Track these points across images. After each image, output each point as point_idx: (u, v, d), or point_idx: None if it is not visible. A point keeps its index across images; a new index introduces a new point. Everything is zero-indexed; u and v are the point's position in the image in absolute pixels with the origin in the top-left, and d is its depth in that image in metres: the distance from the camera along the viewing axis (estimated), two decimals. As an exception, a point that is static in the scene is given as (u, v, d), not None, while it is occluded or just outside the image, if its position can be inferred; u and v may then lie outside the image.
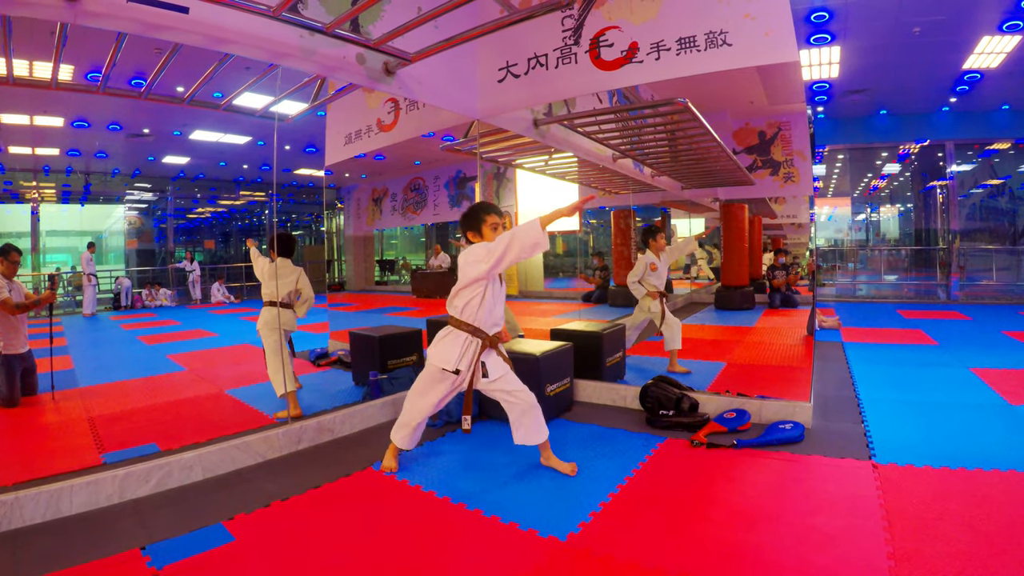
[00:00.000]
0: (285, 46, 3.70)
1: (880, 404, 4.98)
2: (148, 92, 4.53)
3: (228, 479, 3.64)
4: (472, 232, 3.51)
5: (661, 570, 2.49)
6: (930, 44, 9.87)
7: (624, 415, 4.86)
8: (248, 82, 4.74)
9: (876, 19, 8.93)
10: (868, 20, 8.96)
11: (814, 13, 8.59)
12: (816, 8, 8.47)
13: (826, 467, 3.65)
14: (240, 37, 3.46)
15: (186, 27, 3.22)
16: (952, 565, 2.48)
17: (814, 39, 9.42)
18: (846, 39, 9.61)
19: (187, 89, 4.74)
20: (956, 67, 11.01)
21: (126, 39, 3.56)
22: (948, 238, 14.21)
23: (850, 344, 7.82)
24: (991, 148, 15.06)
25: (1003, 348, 7.43)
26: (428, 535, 2.86)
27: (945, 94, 12.68)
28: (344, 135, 6.41)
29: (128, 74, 6.17)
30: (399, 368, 5.60)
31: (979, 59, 10.50)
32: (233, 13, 3.32)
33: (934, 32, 9.39)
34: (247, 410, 5.07)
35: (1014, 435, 4.17)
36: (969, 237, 15.04)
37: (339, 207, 12.04)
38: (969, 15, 8.81)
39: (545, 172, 7.45)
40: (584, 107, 5.80)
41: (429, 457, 3.96)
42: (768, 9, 3.84)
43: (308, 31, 3.71)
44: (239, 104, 5.29)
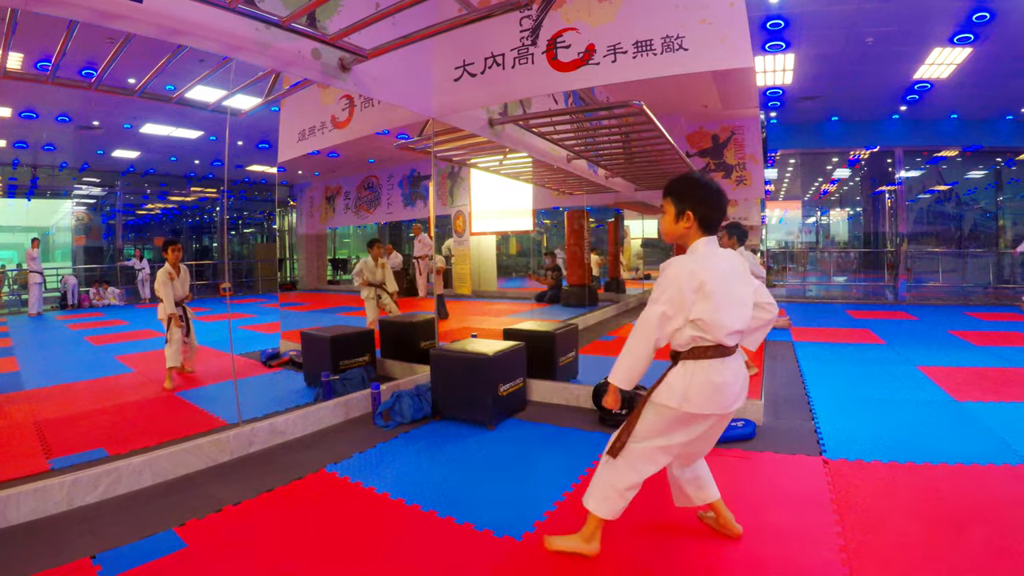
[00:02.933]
0: (240, 39, 3.62)
1: (830, 401, 5.10)
2: (99, 83, 4.40)
3: (179, 484, 3.55)
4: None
5: (616, 567, 2.51)
6: (882, 54, 10.14)
7: (577, 414, 4.87)
8: (202, 75, 4.63)
9: (830, 28, 9.14)
10: (822, 29, 9.16)
11: (770, 21, 8.75)
12: (772, 16, 8.63)
13: (777, 463, 3.72)
14: (195, 29, 3.37)
15: (140, 16, 3.12)
16: (903, 556, 2.56)
17: (769, 46, 9.59)
18: (800, 47, 9.81)
19: (139, 81, 4.63)
20: (907, 77, 11.33)
21: (78, 27, 3.46)
22: (896, 241, 14.64)
23: (800, 343, 8.00)
24: (939, 155, 15.54)
25: (949, 347, 7.67)
26: (383, 538, 2.83)
27: (896, 102, 13.04)
28: (298, 131, 6.31)
29: (79, 64, 6.01)
30: (351, 369, 5.55)
31: (930, 69, 10.83)
32: (188, 4, 3.22)
33: (887, 43, 9.64)
34: (197, 412, 4.96)
35: (960, 430, 4.31)
36: (916, 240, 15.53)
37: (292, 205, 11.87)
38: (921, 27, 9.07)
39: (499, 172, 7.47)
40: (540, 108, 5.82)
41: (383, 459, 3.91)
42: (724, 15, 3.88)
43: (264, 24, 3.64)
44: (191, 97, 5.17)
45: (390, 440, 4.28)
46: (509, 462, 3.84)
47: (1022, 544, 2.64)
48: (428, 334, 6.17)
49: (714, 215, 2.52)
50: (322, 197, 10.34)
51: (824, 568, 2.49)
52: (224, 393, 4.82)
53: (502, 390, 4.64)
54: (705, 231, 2.51)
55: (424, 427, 4.56)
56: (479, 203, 7.66)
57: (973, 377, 5.88)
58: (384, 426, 4.56)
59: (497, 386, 4.57)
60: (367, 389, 4.96)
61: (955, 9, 8.47)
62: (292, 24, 3.65)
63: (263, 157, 11.70)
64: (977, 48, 9.72)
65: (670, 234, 2.59)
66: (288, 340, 7.20)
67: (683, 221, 2.51)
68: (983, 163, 15.96)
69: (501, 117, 5.62)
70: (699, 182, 2.56)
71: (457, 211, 7.81)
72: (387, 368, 6.19)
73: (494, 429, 4.49)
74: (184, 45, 3.57)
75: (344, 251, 13.06)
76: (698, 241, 2.50)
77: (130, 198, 16.26)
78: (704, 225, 2.50)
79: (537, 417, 4.82)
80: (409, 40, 4.02)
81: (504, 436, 4.33)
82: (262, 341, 7.79)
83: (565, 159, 7.19)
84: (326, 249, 11.86)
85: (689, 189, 2.53)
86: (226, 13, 3.39)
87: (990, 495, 3.19)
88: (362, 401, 4.93)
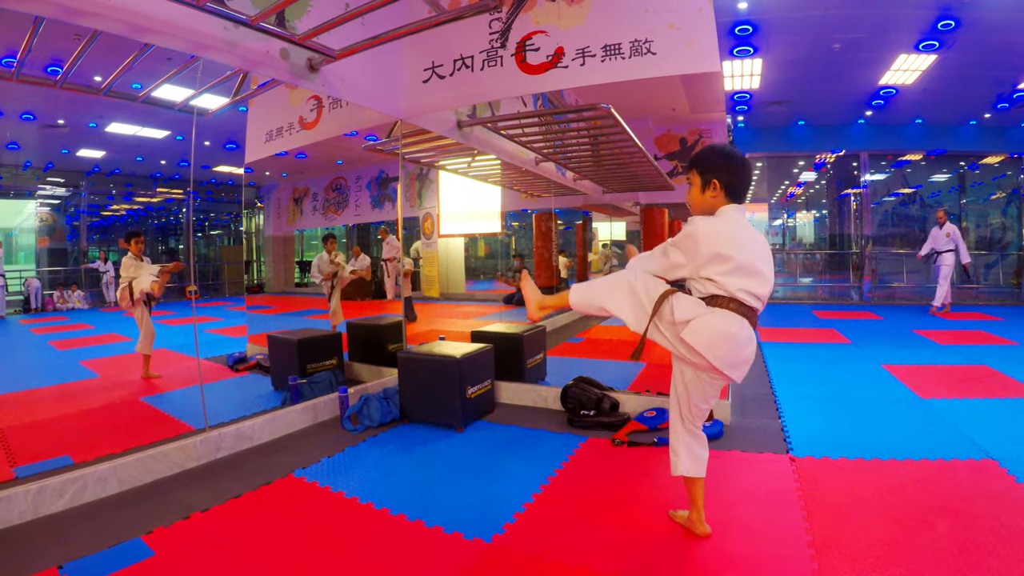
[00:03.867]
0: (208, 37, 3.57)
1: (796, 400, 5.17)
2: (64, 80, 4.32)
3: (146, 491, 3.49)
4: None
5: (586, 567, 2.51)
6: (849, 60, 10.31)
7: (546, 416, 4.88)
8: (168, 73, 4.56)
9: (798, 34, 9.26)
10: (790, 35, 9.28)
11: (738, 26, 8.85)
12: (740, 21, 8.72)
13: (745, 461, 3.75)
14: (162, 26, 3.31)
15: (107, 13, 3.06)
16: (870, 550, 2.60)
17: (737, 51, 9.71)
18: (768, 52, 9.93)
19: (105, 79, 4.55)
20: (873, 82, 11.53)
21: (43, 23, 3.39)
22: (861, 243, 14.88)
23: (767, 344, 8.07)
24: (903, 159, 15.83)
25: (913, 345, 7.81)
26: (353, 541, 2.81)
27: (861, 107, 13.26)
28: (265, 132, 6.25)
29: (44, 61, 5.88)
30: (319, 372, 5.51)
31: (895, 75, 11.03)
32: (156, 1, 3.17)
33: (853, 49, 9.80)
34: (164, 418, 4.88)
35: (924, 427, 4.40)
36: (881, 242, 15.79)
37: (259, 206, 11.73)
38: (887, 34, 9.23)
39: (468, 174, 7.45)
40: (508, 110, 5.83)
41: (352, 463, 3.88)
42: (692, 20, 3.93)
43: (232, 23, 3.58)
44: (158, 96, 5.09)
45: (358, 444, 4.25)
46: (478, 464, 3.83)
47: (985, 536, 2.70)
48: (396, 337, 6.14)
49: (741, 182, 2.55)
50: (290, 199, 10.24)
51: (792, 562, 2.53)
52: (190, 398, 4.75)
53: (470, 392, 4.63)
54: (732, 198, 2.54)
55: (392, 430, 4.54)
56: (447, 205, 7.65)
57: (937, 375, 6.01)
58: (352, 430, 4.53)
59: (465, 388, 4.56)
60: (335, 393, 4.92)
61: (921, 17, 8.64)
62: (261, 23, 3.60)
63: (230, 158, 11.55)
64: (942, 55, 9.92)
65: (698, 205, 2.60)
66: (255, 344, 7.12)
67: (709, 190, 2.53)
68: (947, 167, 16.29)
69: (470, 119, 5.62)
70: (723, 151, 2.59)
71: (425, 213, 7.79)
72: (355, 371, 6.16)
73: (463, 431, 4.48)
74: (151, 43, 3.51)
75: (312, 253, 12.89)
76: (726, 207, 2.52)
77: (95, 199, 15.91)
78: (731, 192, 2.53)
79: (506, 419, 4.82)
80: (378, 41, 3.99)
81: (473, 438, 4.32)
82: (229, 345, 7.68)
83: (533, 161, 7.20)
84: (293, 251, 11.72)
85: (714, 158, 2.57)
86: (194, 11, 3.33)
87: (954, 489, 3.26)
88: (330, 405, 4.90)
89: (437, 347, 4.90)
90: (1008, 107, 12.69)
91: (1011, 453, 3.77)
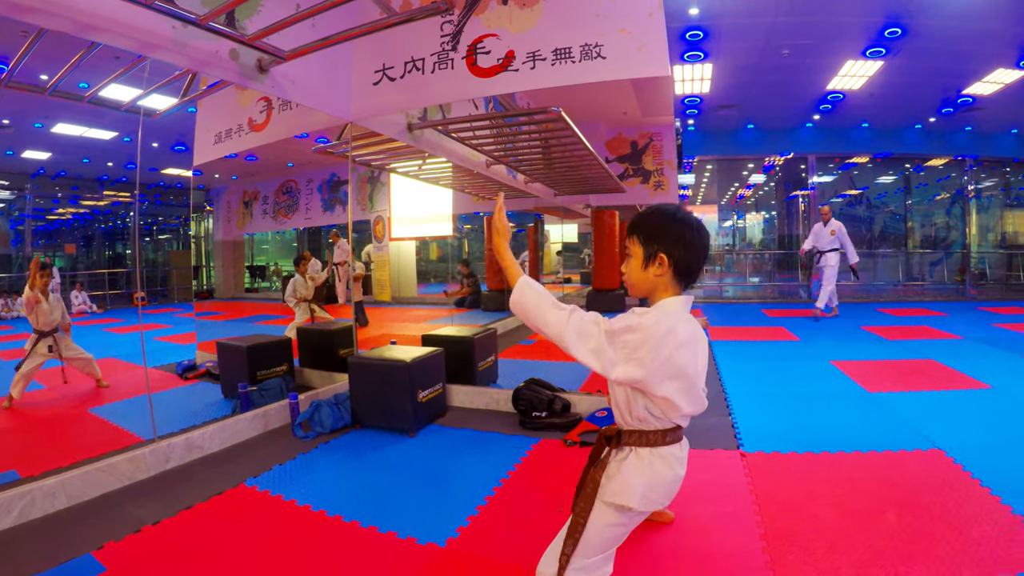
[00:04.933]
0: (156, 36, 3.46)
1: (746, 397, 5.26)
2: (9, 79, 4.18)
3: (95, 505, 3.38)
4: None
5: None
6: (798, 65, 10.56)
7: (498, 418, 4.88)
8: (115, 73, 4.44)
9: (748, 40, 9.44)
10: (740, 40, 9.46)
11: (689, 31, 8.99)
12: (691, 27, 8.86)
13: (696, 458, 3.79)
14: (110, 24, 3.20)
15: (53, 10, 2.95)
16: (822, 542, 2.66)
17: (688, 56, 9.86)
18: (718, 57, 10.12)
19: (51, 78, 4.41)
20: (821, 87, 11.83)
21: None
22: (810, 242, 15.21)
23: (716, 342, 8.18)
24: (850, 161, 16.26)
25: (861, 341, 8.02)
26: (306, 550, 2.77)
27: (809, 111, 13.58)
28: (214, 133, 6.11)
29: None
30: (269, 379, 5.43)
31: (843, 81, 11.34)
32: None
33: (802, 55, 10.04)
34: (112, 429, 4.74)
35: (872, 420, 4.52)
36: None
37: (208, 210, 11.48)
38: (835, 41, 9.48)
39: (419, 177, 7.42)
40: (459, 113, 5.82)
41: (304, 470, 3.83)
42: (643, 25, 3.96)
43: (181, 22, 3.49)
44: (105, 96, 4.95)
45: (310, 451, 4.19)
46: (431, 468, 3.81)
47: (934, 524, 2.79)
48: (347, 342, 6.08)
49: (695, 258, 2.01)
50: (240, 202, 10.04)
51: (746, 555, 2.57)
52: (139, 408, 4.63)
53: (422, 396, 4.61)
54: (683, 280, 2.03)
55: (344, 436, 4.49)
56: (399, 208, 7.58)
57: (884, 369, 6.18)
58: (304, 437, 4.47)
59: (416, 392, 4.54)
60: (286, 399, 4.85)
61: (868, 24, 8.89)
62: (210, 23, 3.52)
63: (179, 160, 11.27)
64: (888, 61, 10.23)
65: (637, 285, 2.07)
66: (205, 351, 6.97)
67: (654, 267, 2.00)
68: (892, 169, 16.79)
69: (420, 122, 5.59)
70: (675, 215, 2.03)
71: (377, 216, 7.70)
72: (306, 377, 6.08)
73: (415, 436, 4.46)
74: (98, 42, 3.41)
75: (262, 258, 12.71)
76: (671, 300, 2.00)
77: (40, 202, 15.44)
78: (682, 272, 2.01)
79: (458, 422, 4.81)
80: (328, 42, 3.94)
81: (425, 442, 4.30)
82: (178, 352, 7.52)
83: (484, 164, 7.20)
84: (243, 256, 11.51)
85: (663, 225, 2.02)
86: (142, 9, 3.24)
87: (903, 479, 3.36)
88: (281, 412, 4.82)
89: (388, 351, 4.86)
90: (952, 111, 13.13)
91: (958, 443, 3.91)
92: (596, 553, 2.02)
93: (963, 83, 11.49)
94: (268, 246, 12.79)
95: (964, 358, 6.60)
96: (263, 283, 11.96)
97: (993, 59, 10.21)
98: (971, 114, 13.32)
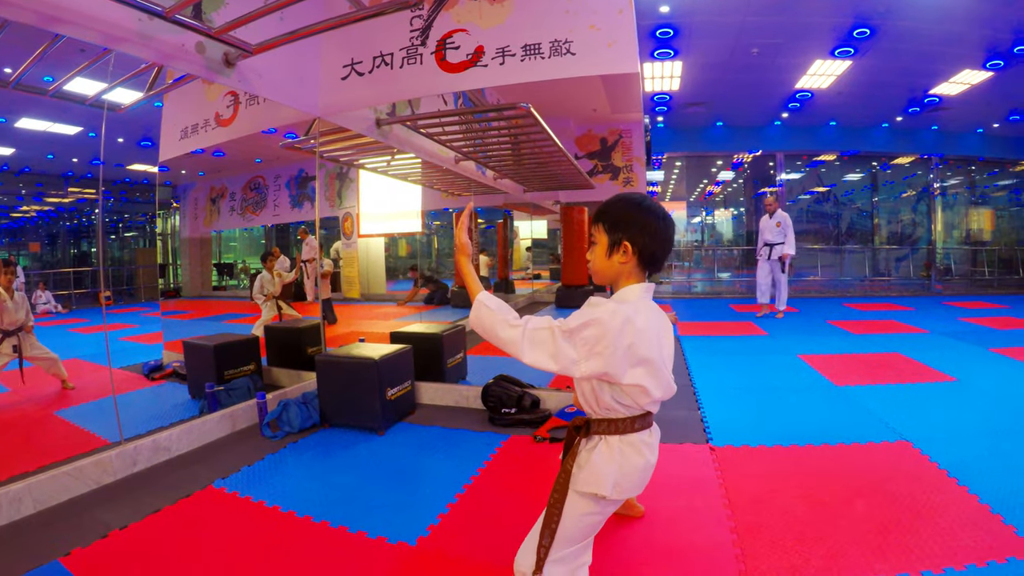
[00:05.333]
0: (121, 29, 3.37)
1: (715, 391, 5.30)
2: (-28, 73, 4.08)
3: (62, 510, 3.30)
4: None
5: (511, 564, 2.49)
6: (767, 64, 10.66)
7: (468, 415, 4.87)
8: (80, 66, 4.33)
9: (718, 38, 9.51)
10: (710, 39, 9.53)
11: (659, 29, 9.03)
12: (662, 24, 8.90)
13: (666, 452, 3.78)
14: (74, 16, 3.12)
15: (16, 1, 2.87)
16: (791, 534, 2.69)
17: (658, 53, 9.90)
18: (688, 55, 10.18)
19: (15, 71, 4.30)
20: (789, 86, 11.96)
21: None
22: (777, 238, 15.38)
23: (685, 337, 8.26)
24: (818, 159, 16.46)
25: (828, 336, 8.15)
26: (276, 552, 2.73)
27: (778, 109, 13.73)
28: (181, 128, 5.99)
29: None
30: (237, 379, 5.34)
31: (811, 80, 11.47)
32: (70, -11, 3.02)
33: (771, 54, 10.13)
34: (78, 432, 4.62)
35: (840, 413, 4.59)
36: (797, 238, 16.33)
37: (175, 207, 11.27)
38: (805, 40, 9.59)
39: (387, 173, 7.37)
40: (428, 109, 5.79)
41: (272, 471, 3.78)
42: (613, 22, 3.96)
43: (147, 15, 3.41)
44: (70, 90, 4.83)
45: (279, 451, 4.14)
46: (400, 467, 3.79)
47: (903, 514, 2.85)
48: (315, 340, 6.01)
49: (661, 247, 1.99)
50: (207, 198, 9.86)
51: (716, 547, 2.60)
52: (105, 410, 4.53)
53: (390, 394, 4.57)
54: (648, 267, 2.01)
55: (313, 436, 4.44)
56: (368, 205, 7.52)
57: (851, 363, 6.27)
58: (272, 437, 4.41)
59: (385, 390, 4.50)
60: (253, 399, 4.78)
61: (837, 25, 9.01)
62: (176, 15, 3.45)
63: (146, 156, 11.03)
64: (857, 61, 10.38)
65: (601, 272, 2.05)
66: (171, 351, 6.84)
67: (618, 255, 1.97)
68: (860, 167, 17.04)
69: (389, 117, 5.55)
70: (640, 204, 2.00)
71: (345, 213, 7.65)
72: (274, 376, 5.98)
73: (384, 434, 4.42)
74: (63, 34, 3.33)
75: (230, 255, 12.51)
76: (632, 287, 1.99)
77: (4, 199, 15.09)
78: (647, 260, 1.98)
79: (427, 420, 4.78)
80: (296, 36, 3.89)
81: (394, 441, 4.27)
82: (145, 352, 7.39)
83: (453, 160, 7.17)
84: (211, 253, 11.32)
85: (628, 213, 1.99)
86: (107, 1, 3.18)
87: (871, 471, 3.43)
88: (248, 412, 4.75)
89: (356, 349, 4.81)
90: (919, 111, 13.35)
91: (924, 434, 3.99)
92: (573, 543, 2.00)
93: (930, 83, 11.69)
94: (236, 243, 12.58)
95: (930, 351, 6.72)
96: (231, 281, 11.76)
97: (960, 60, 10.40)
98: (937, 114, 13.57)
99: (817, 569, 2.42)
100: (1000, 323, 8.97)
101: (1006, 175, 16.94)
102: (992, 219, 17.15)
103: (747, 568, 2.44)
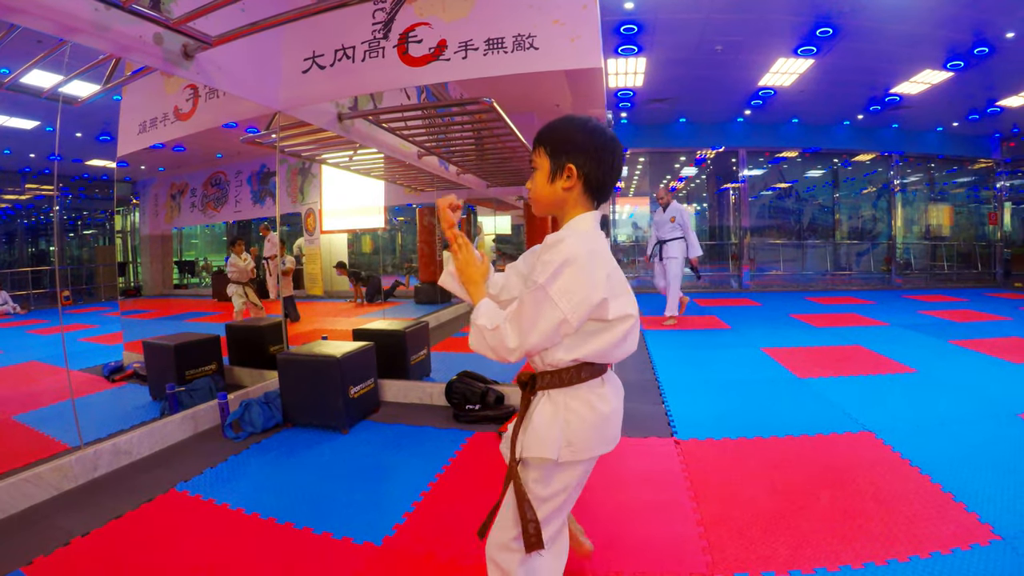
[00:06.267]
0: (76, 19, 3.27)
1: (679, 385, 5.34)
2: (-77, 65, 3.93)
3: (23, 517, 3.20)
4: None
5: (478, 562, 2.49)
6: (730, 62, 10.73)
7: (432, 412, 4.85)
8: (36, 58, 4.20)
9: (681, 35, 9.56)
10: (674, 36, 9.56)
11: (623, 25, 9.04)
12: (626, 21, 8.91)
13: (631, 446, 3.84)
14: (27, 5, 3.01)
15: None
16: (757, 524, 2.73)
17: (622, 49, 9.92)
18: (652, 52, 10.20)
19: (-30, 63, 4.17)
20: (752, 83, 12.06)
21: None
22: (740, 234, 15.62)
23: (649, 331, 8.33)
24: (780, 156, 16.65)
25: (790, 329, 8.28)
26: (241, 555, 2.69)
27: (741, 106, 13.84)
28: (139, 122, 5.84)
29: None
30: (198, 379, 5.23)
31: (774, 77, 11.57)
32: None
33: (734, 51, 10.21)
34: (38, 437, 4.49)
35: (804, 405, 4.66)
36: (759, 233, 16.61)
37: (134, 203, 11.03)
38: (768, 39, 9.67)
39: (350, 168, 7.30)
40: (391, 103, 5.72)
41: (235, 473, 3.72)
42: (577, 17, 3.97)
43: (104, 4, 3.30)
44: (26, 83, 4.69)
45: (241, 452, 4.07)
46: (365, 466, 3.76)
47: (866, 502, 2.91)
48: (277, 338, 5.92)
49: (607, 173, 1.72)
50: (167, 195, 9.65)
51: (682, 540, 2.62)
52: (64, 414, 4.41)
53: (353, 392, 4.53)
54: (593, 196, 1.74)
55: (276, 436, 4.38)
56: (330, 200, 7.44)
57: (814, 355, 6.38)
58: (235, 437, 4.33)
59: (348, 388, 4.46)
60: (215, 400, 4.69)
61: (800, 23, 9.09)
62: (133, 6, 3.35)
63: (104, 151, 10.78)
64: (819, 60, 10.48)
65: (542, 200, 1.78)
66: (132, 351, 6.70)
67: (561, 180, 1.71)
68: (821, 163, 17.26)
69: (351, 111, 5.48)
70: (586, 125, 1.72)
71: (308, 209, 7.55)
72: (236, 376, 5.88)
73: (348, 433, 4.38)
74: (17, 24, 3.22)
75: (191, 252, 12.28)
76: (584, 216, 1.73)
77: (-41, 197, 14.67)
78: (592, 187, 1.72)
79: (391, 418, 4.75)
80: (257, 28, 3.81)
81: (358, 439, 4.23)
82: (105, 354, 7.22)
83: (416, 155, 7.12)
84: (172, 251, 11.10)
85: (572, 134, 1.71)
86: (62, -12, 3.09)
87: (834, 461, 3.48)
88: (210, 412, 4.66)
89: (318, 347, 4.76)
90: (880, 109, 13.56)
91: (886, 425, 4.07)
92: (544, 521, 1.75)
93: (891, 82, 11.88)
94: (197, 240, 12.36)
95: (890, 344, 6.86)
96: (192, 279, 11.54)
97: (921, 60, 10.58)
98: (898, 112, 13.80)
99: (784, 559, 2.45)
100: (958, 316, 9.18)
101: (965, 172, 17.31)
102: (951, 215, 17.50)
103: (714, 559, 2.46)
